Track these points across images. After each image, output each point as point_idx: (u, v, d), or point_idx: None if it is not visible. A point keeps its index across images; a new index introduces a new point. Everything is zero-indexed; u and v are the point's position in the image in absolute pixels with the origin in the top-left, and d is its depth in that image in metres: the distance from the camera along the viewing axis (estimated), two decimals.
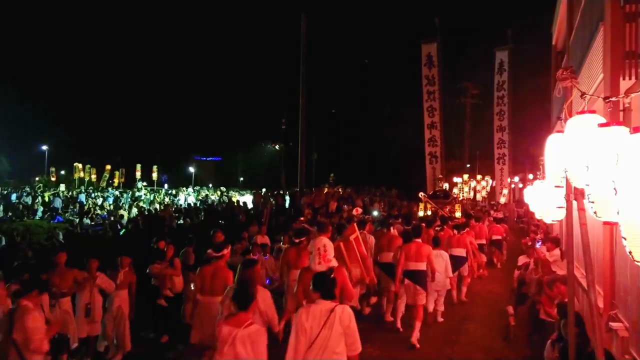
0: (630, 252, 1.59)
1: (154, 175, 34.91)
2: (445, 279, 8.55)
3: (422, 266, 7.40)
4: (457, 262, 9.57)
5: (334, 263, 5.14)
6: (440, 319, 8.59)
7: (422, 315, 7.40)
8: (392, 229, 9.18)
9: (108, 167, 33.95)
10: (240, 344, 3.66)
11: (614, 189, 1.62)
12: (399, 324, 7.78)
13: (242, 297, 3.89)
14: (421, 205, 15.32)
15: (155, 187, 34.11)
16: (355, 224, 7.88)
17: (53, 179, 32.98)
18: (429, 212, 14.51)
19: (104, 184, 32.87)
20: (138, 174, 34.34)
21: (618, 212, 1.63)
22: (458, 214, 14.80)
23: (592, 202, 1.95)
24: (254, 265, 5.12)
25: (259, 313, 4.63)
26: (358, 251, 7.14)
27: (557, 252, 8.04)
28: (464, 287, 10.17)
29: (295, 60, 20.91)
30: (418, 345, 7.05)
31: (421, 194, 15.87)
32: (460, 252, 9.83)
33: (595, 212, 1.98)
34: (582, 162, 2.13)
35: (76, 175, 33.09)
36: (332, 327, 3.78)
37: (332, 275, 4.40)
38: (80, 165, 33.28)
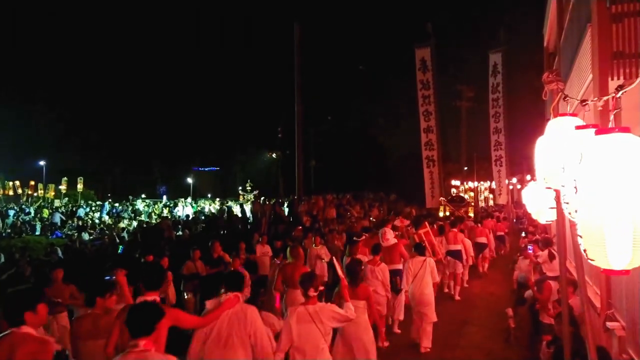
0: (584, 250, 1.62)
1: (79, 187, 33.49)
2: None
3: (459, 247, 11.10)
4: (480, 248, 13.20)
5: (393, 241, 9.12)
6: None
7: (460, 281, 11.05)
8: (434, 226, 12.31)
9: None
10: (377, 273, 7.36)
11: (575, 187, 1.66)
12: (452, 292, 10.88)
13: (376, 249, 7.80)
14: (441, 208, 19.42)
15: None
16: (426, 222, 11.23)
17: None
18: (447, 213, 18.74)
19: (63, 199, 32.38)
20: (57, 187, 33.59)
21: (576, 211, 1.66)
22: (471, 214, 19.69)
23: (567, 203, 1.98)
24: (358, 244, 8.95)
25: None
26: (428, 240, 10.08)
27: (544, 253, 8.27)
28: (485, 262, 13.54)
29: (290, 69, 20.99)
30: (459, 298, 10.60)
31: (441, 199, 19.37)
32: (482, 239, 13.43)
33: (569, 213, 2.01)
34: (558, 164, 2.16)
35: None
36: (425, 269, 7.54)
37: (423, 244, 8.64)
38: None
